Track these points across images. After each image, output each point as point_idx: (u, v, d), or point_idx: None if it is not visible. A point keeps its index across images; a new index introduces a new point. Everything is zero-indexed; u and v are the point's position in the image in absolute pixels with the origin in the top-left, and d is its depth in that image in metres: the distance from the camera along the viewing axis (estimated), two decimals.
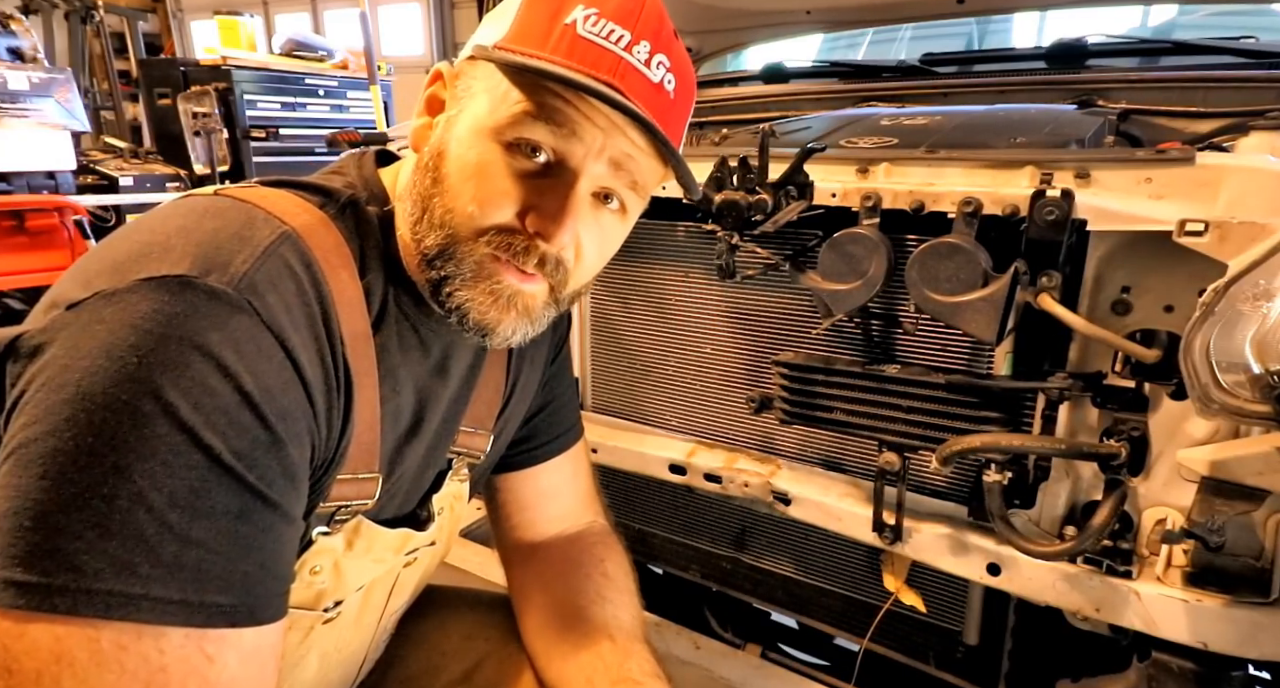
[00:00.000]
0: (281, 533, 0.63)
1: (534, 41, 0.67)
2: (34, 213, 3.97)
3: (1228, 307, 0.80)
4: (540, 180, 0.70)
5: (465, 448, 0.93)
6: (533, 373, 1.01)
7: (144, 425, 0.55)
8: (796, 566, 1.38)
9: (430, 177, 0.72)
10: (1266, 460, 0.83)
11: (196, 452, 0.56)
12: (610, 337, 1.39)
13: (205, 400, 0.56)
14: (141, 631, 0.54)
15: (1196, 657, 0.95)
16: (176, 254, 0.60)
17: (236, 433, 0.58)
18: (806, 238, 1.11)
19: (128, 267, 0.60)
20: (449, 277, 0.71)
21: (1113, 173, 0.92)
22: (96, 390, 0.54)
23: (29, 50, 4.55)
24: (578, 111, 0.68)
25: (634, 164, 0.72)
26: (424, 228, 0.72)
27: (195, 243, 0.62)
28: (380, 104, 5.50)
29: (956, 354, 1.07)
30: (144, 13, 9.31)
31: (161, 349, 0.56)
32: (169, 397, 0.55)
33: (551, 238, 0.69)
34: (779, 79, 2.05)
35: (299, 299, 0.65)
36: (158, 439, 0.55)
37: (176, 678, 0.56)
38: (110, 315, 0.57)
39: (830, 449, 1.22)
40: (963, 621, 1.24)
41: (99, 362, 0.55)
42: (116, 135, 6.38)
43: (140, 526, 0.54)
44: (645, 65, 0.69)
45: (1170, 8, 2.45)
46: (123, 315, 0.57)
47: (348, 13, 9.17)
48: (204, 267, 0.60)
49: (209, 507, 0.57)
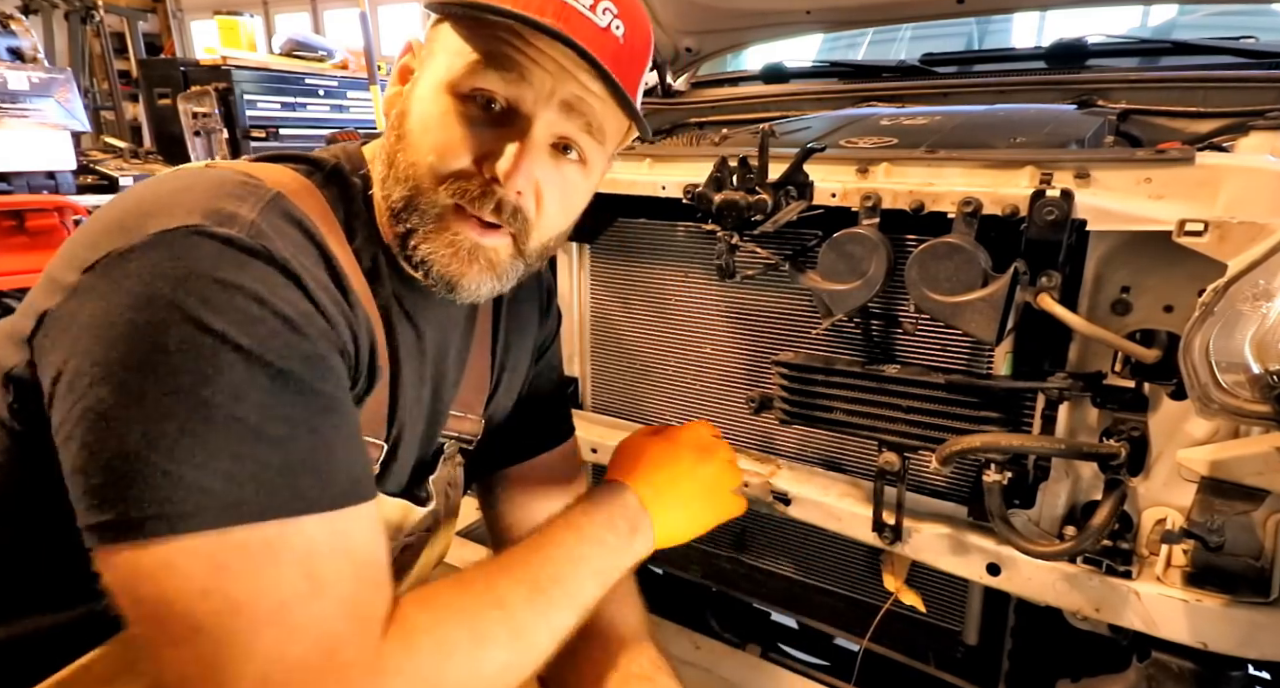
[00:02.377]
0: (354, 425, 0.68)
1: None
2: (34, 213, 3.97)
3: (1227, 307, 0.80)
4: (496, 129, 0.73)
5: (456, 431, 0.95)
6: (519, 362, 1.03)
7: (207, 358, 0.57)
8: (796, 566, 1.38)
9: (394, 134, 0.76)
10: (1266, 460, 0.83)
11: (261, 369, 0.59)
12: (610, 337, 1.39)
13: (252, 327, 0.59)
14: (284, 525, 0.59)
15: (1196, 657, 0.95)
16: (184, 209, 0.62)
17: (291, 351, 0.61)
18: (806, 238, 1.11)
19: (135, 225, 0.61)
20: (413, 229, 0.74)
21: (1112, 173, 0.92)
22: (149, 339, 0.57)
23: (29, 50, 4.55)
24: (525, 57, 0.70)
25: (586, 106, 0.74)
26: (390, 183, 0.75)
27: (197, 199, 0.64)
28: (380, 104, 5.50)
29: (956, 354, 1.08)
30: (144, 13, 9.32)
31: (198, 290, 0.58)
32: (220, 328, 0.58)
33: (507, 180, 0.72)
34: (779, 79, 2.04)
35: (304, 249, 0.67)
36: (225, 365, 0.58)
37: (325, 554, 0.61)
38: (135, 269, 0.59)
39: (830, 449, 1.22)
40: (963, 621, 1.24)
41: (142, 313, 0.57)
42: (116, 135, 6.38)
43: (241, 440, 0.58)
44: (590, 9, 0.71)
45: (1170, 8, 2.45)
46: (148, 266, 0.59)
47: (348, 13, 9.16)
48: (214, 218, 0.62)
49: (291, 410, 0.61)
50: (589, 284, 1.36)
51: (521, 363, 1.03)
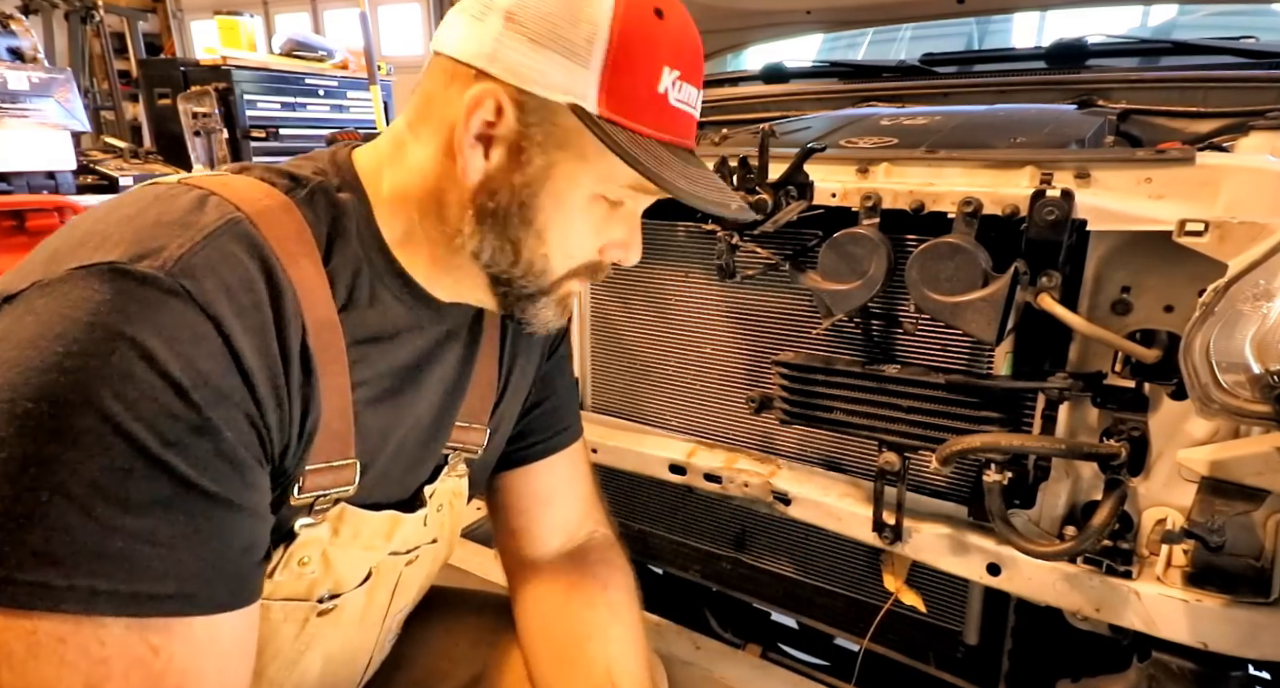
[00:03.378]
0: (224, 520, 0.61)
1: (636, 113, 0.71)
2: (34, 213, 3.97)
3: (1228, 307, 0.80)
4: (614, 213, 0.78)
5: (461, 443, 0.92)
6: (527, 367, 1.00)
7: (66, 416, 0.54)
8: (796, 566, 1.38)
9: (520, 219, 0.74)
10: (1266, 460, 0.83)
11: (120, 441, 0.55)
12: (610, 337, 1.39)
13: (129, 390, 0.55)
14: (80, 622, 0.54)
15: (1196, 657, 0.95)
16: (113, 242, 0.60)
17: (163, 421, 0.56)
18: (806, 238, 1.11)
19: (64, 256, 0.60)
20: (533, 298, 0.79)
21: (1113, 173, 0.92)
22: (19, 382, 0.54)
23: (29, 50, 4.55)
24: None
25: None
26: (516, 266, 0.76)
27: (134, 229, 0.62)
28: (380, 104, 5.49)
29: (956, 354, 1.07)
30: (144, 13, 9.31)
31: (86, 338, 0.55)
32: (92, 387, 0.54)
33: (631, 261, 0.81)
34: (779, 79, 2.04)
35: (242, 284, 0.63)
36: (80, 430, 0.54)
37: (119, 670, 0.55)
38: (41, 306, 0.57)
39: (830, 449, 1.22)
40: (963, 621, 1.24)
41: (25, 353, 0.55)
42: (116, 135, 6.38)
43: (63, 516, 0.53)
44: (695, 107, 0.77)
45: (1170, 8, 2.45)
46: (52, 305, 0.57)
47: (348, 13, 9.16)
48: (137, 252, 0.59)
49: (135, 496, 0.55)
50: (589, 284, 1.36)
51: (529, 368, 1.01)
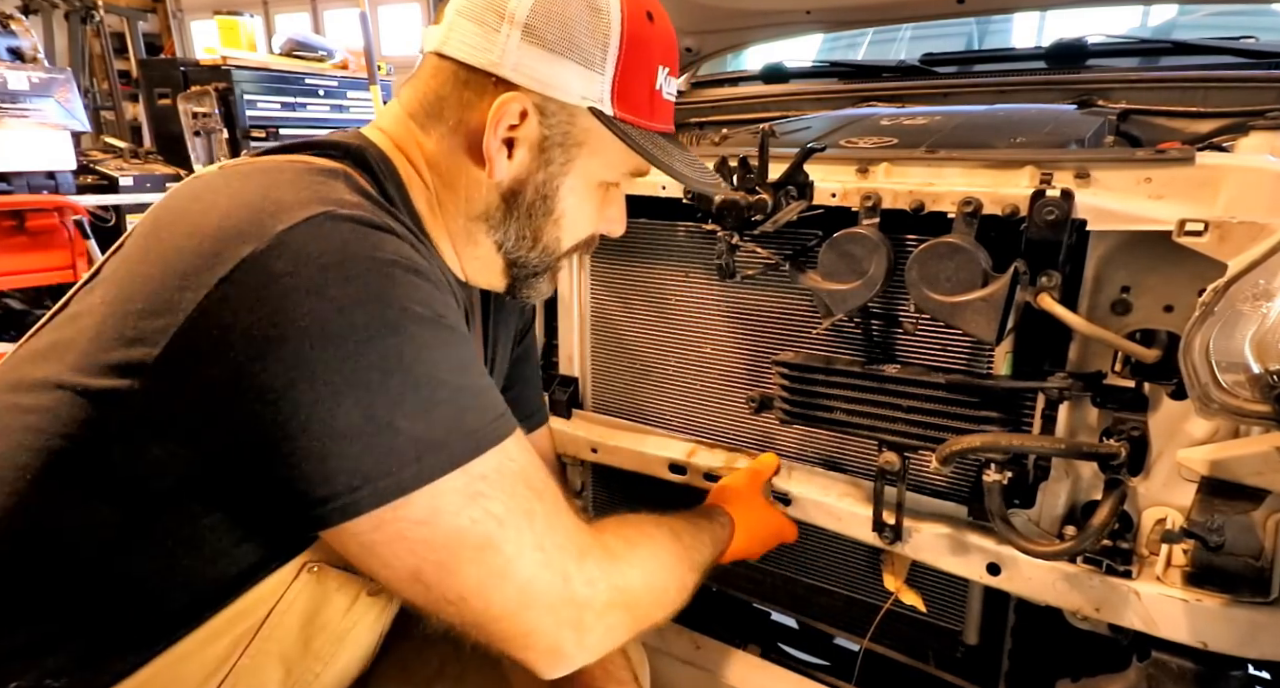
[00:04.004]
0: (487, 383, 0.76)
1: (641, 110, 0.83)
2: (34, 213, 3.98)
3: (1227, 306, 0.80)
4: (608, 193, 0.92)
5: None
6: (503, 352, 1.10)
7: (392, 327, 0.64)
8: (796, 566, 1.38)
9: (543, 209, 0.87)
10: (1266, 460, 0.83)
11: (434, 328, 0.68)
12: (610, 337, 1.38)
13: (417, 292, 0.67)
14: (486, 458, 0.69)
15: (1196, 657, 0.95)
16: (290, 201, 0.65)
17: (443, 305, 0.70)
18: (806, 238, 1.11)
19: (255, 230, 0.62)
20: (538, 275, 0.92)
21: (1112, 173, 0.92)
22: (332, 325, 0.60)
23: (29, 50, 4.55)
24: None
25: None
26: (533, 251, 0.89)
27: (292, 192, 0.66)
28: (380, 104, 5.49)
29: (956, 354, 1.07)
30: (144, 13, 9.32)
31: (357, 268, 0.63)
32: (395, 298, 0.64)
33: (615, 233, 0.96)
34: (779, 79, 2.04)
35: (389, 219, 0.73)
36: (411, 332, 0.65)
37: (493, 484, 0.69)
38: (282, 266, 0.60)
39: (830, 449, 1.22)
40: (963, 620, 1.24)
41: (311, 302, 0.60)
42: (116, 135, 6.39)
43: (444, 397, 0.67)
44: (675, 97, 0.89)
45: (1170, 8, 2.45)
46: (297, 259, 0.61)
47: (348, 13, 9.16)
48: (329, 204, 0.65)
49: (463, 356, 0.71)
50: (589, 284, 1.36)
51: (505, 352, 1.10)
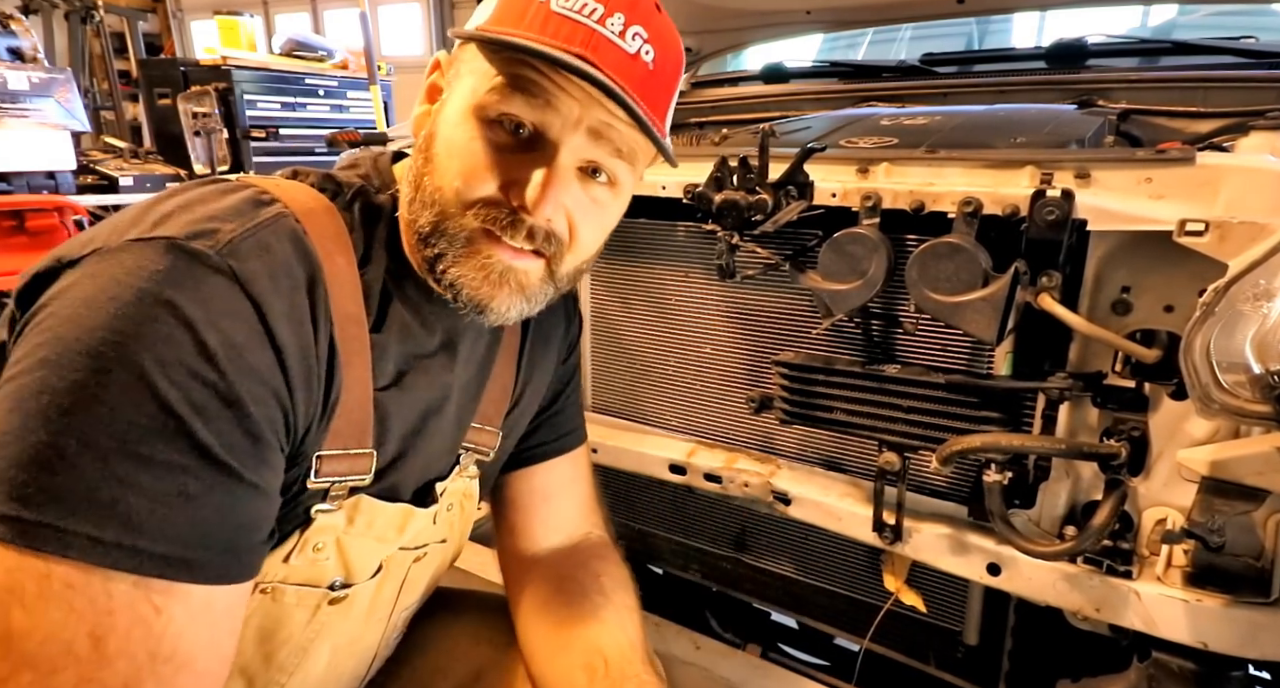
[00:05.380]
0: (235, 493, 0.62)
1: (511, 21, 0.70)
2: (34, 213, 3.97)
3: (1228, 307, 0.80)
4: (522, 154, 0.72)
5: (474, 444, 0.94)
6: (543, 373, 1.02)
7: (106, 372, 0.57)
8: (796, 566, 1.38)
9: (422, 157, 0.76)
10: (1266, 460, 0.83)
11: (150, 400, 0.57)
12: (610, 337, 1.39)
13: (166, 352, 0.58)
14: (90, 572, 0.55)
15: (1196, 657, 0.95)
16: (172, 221, 0.65)
17: (194, 386, 0.59)
18: (806, 238, 1.11)
19: (124, 230, 0.64)
20: (442, 253, 0.74)
21: (1113, 173, 0.92)
22: (70, 336, 0.58)
23: (29, 50, 4.55)
24: (553, 84, 0.70)
25: (614, 133, 0.73)
26: (417, 206, 0.75)
27: (194, 214, 0.66)
28: (380, 104, 5.50)
29: (956, 354, 1.07)
30: (144, 13, 9.31)
31: (135, 302, 0.59)
32: (133, 347, 0.57)
33: (535, 209, 0.71)
34: (779, 79, 2.04)
35: (284, 270, 0.67)
36: (115, 385, 0.56)
37: (122, 624, 0.56)
38: (98, 270, 0.61)
39: (830, 449, 1.22)
40: (963, 621, 1.24)
41: (79, 310, 0.59)
42: (116, 135, 6.38)
43: (85, 467, 0.55)
44: (620, 37, 0.70)
45: (1170, 8, 2.45)
46: (109, 270, 0.61)
47: (348, 13, 9.16)
48: (193, 232, 0.64)
49: (155, 455, 0.57)
50: (589, 284, 1.36)
51: (545, 374, 1.03)
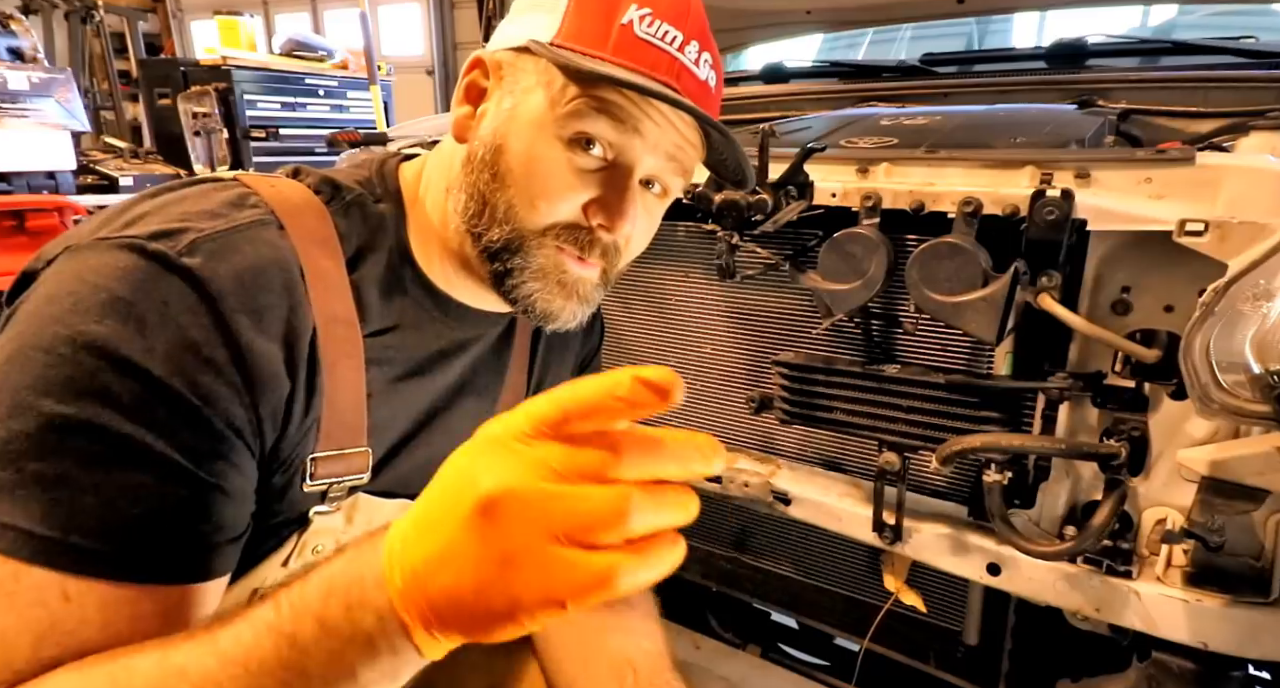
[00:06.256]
0: (176, 493, 0.59)
1: (592, 41, 0.69)
2: (34, 213, 3.97)
3: (1228, 307, 0.80)
4: (599, 173, 0.73)
5: None
6: (555, 378, 1.02)
7: (55, 366, 0.57)
8: (796, 566, 1.38)
9: (489, 172, 0.73)
10: (1266, 460, 0.83)
11: (92, 397, 0.56)
12: (610, 336, 1.38)
13: (118, 350, 0.58)
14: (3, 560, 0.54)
15: (1196, 657, 0.95)
16: (145, 221, 0.65)
17: (142, 383, 0.58)
18: (806, 238, 1.11)
19: (98, 228, 0.65)
20: (514, 269, 0.74)
21: (1113, 173, 0.92)
22: (29, 332, 0.59)
23: (29, 50, 4.55)
24: (639, 109, 0.70)
25: (684, 154, 0.76)
26: (485, 222, 0.74)
27: (167, 214, 0.66)
28: (380, 104, 5.50)
29: (956, 354, 1.07)
30: (144, 13, 9.31)
31: (90, 299, 0.59)
32: (81, 343, 0.58)
33: (615, 229, 0.73)
34: (779, 79, 2.04)
35: (252, 272, 0.65)
36: (63, 380, 0.56)
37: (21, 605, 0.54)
38: (64, 268, 0.63)
39: (830, 449, 1.22)
40: (963, 621, 1.24)
41: (40, 306, 0.60)
42: (116, 135, 6.39)
43: (19, 454, 0.55)
44: (695, 64, 0.72)
45: (1170, 8, 2.45)
46: (72, 268, 0.62)
47: (348, 13, 9.16)
48: (159, 232, 0.63)
49: (87, 448, 0.56)
50: None
51: (558, 380, 1.02)
